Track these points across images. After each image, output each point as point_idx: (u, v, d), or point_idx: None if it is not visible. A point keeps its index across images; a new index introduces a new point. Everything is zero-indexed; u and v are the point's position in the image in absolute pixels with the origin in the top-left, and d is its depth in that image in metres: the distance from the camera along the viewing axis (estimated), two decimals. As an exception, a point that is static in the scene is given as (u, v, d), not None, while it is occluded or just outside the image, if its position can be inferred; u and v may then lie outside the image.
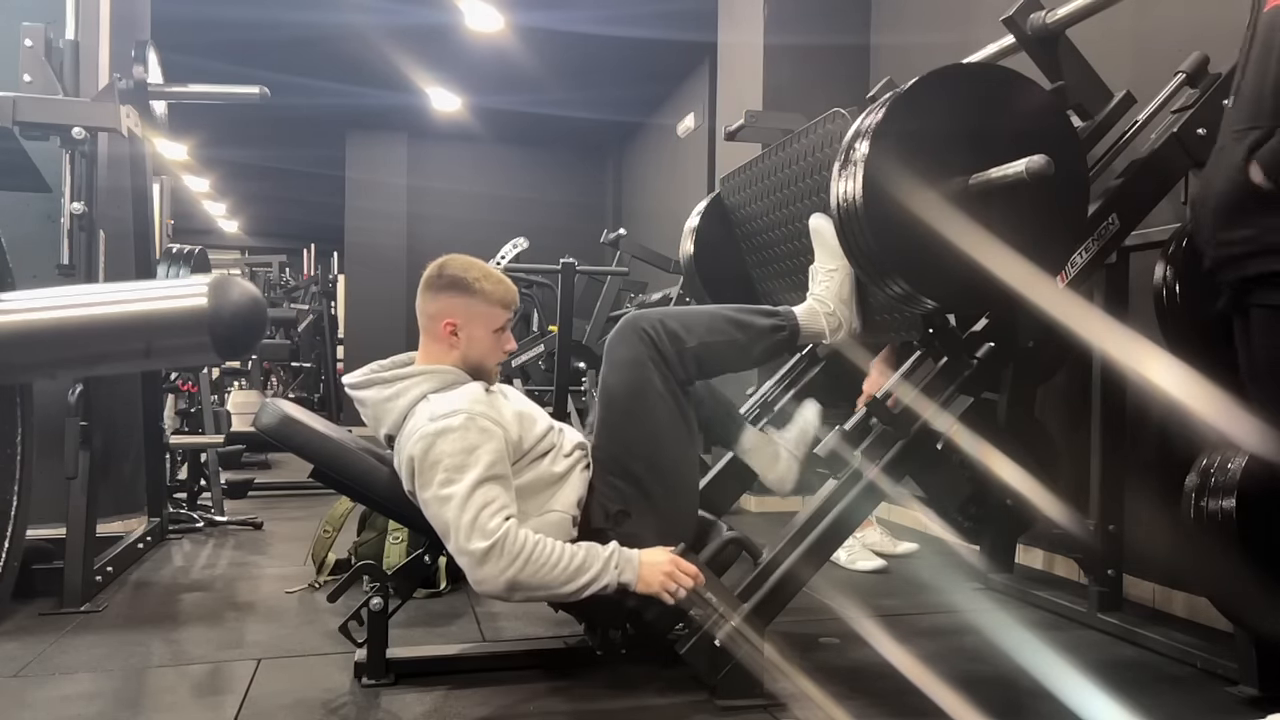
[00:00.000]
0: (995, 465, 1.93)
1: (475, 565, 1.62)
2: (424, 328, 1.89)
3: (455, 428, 1.69)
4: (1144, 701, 1.78)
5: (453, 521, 1.64)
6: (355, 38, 6.13)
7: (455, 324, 1.85)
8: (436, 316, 1.86)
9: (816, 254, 2.07)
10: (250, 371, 7.05)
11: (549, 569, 1.63)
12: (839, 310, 2.02)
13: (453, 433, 1.69)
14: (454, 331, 1.85)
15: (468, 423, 1.70)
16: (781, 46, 4.15)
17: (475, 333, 1.86)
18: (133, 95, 2.76)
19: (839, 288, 2.02)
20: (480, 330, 1.87)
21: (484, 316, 1.87)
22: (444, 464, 1.67)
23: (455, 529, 1.64)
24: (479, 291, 1.86)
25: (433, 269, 1.89)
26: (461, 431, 1.69)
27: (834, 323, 2.02)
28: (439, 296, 1.86)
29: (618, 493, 1.83)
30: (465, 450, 1.68)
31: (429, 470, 1.68)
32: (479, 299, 1.86)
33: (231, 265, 11.19)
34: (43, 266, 2.55)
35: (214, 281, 1.40)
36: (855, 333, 2.05)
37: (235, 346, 1.47)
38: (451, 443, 1.68)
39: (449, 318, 1.85)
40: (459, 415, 1.71)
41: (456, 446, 1.68)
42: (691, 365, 1.87)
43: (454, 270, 1.87)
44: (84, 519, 2.39)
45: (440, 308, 1.85)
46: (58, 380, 2.41)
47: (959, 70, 1.80)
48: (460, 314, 1.85)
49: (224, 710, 1.72)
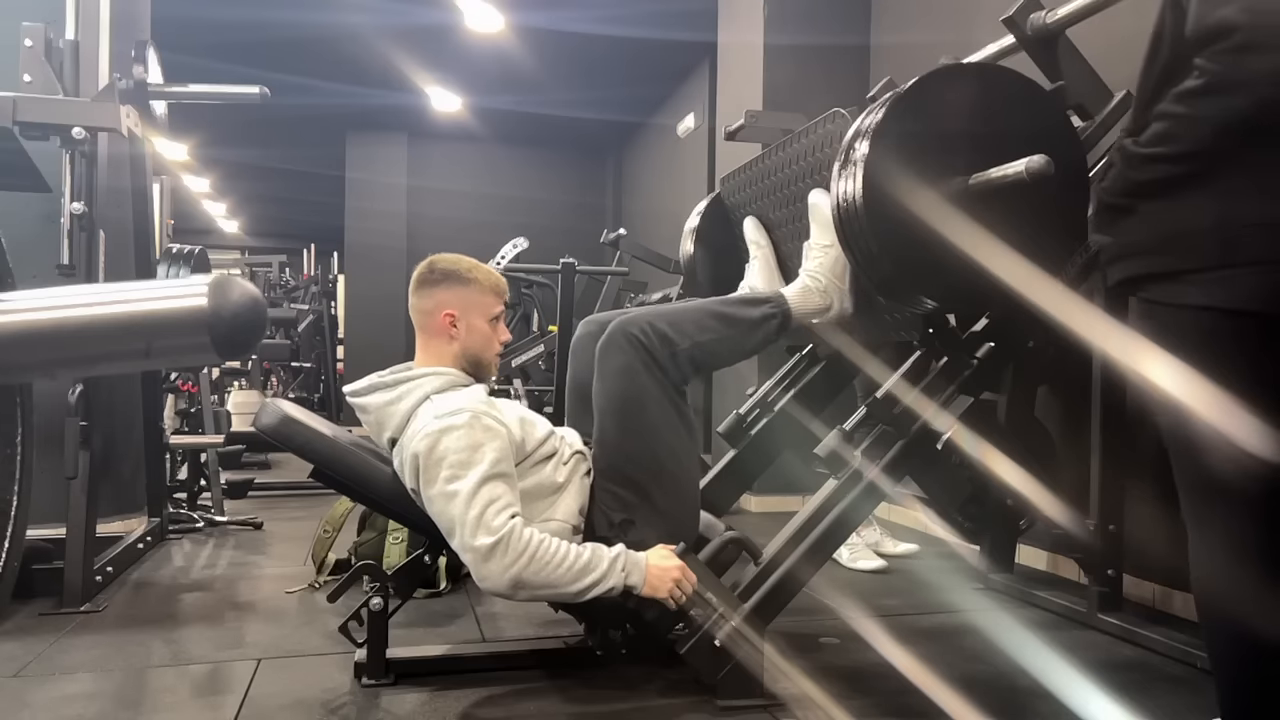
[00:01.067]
0: (995, 465, 1.93)
1: (480, 562, 1.62)
2: (422, 325, 1.91)
3: (460, 425, 1.70)
4: (1144, 701, 1.78)
5: (458, 518, 1.64)
6: (355, 38, 6.13)
7: (454, 314, 1.88)
8: (434, 310, 1.88)
9: (812, 229, 2.03)
10: (250, 371, 7.04)
11: (553, 568, 1.63)
12: (831, 287, 1.98)
13: (458, 430, 1.69)
14: (453, 322, 1.88)
15: (472, 420, 1.71)
16: (781, 46, 4.15)
17: (473, 321, 1.89)
18: (133, 95, 2.76)
19: (833, 263, 1.97)
20: (478, 319, 1.90)
21: (480, 305, 1.90)
22: (449, 460, 1.67)
23: (460, 525, 1.64)
24: (473, 281, 1.90)
25: (423, 267, 1.92)
26: (466, 429, 1.70)
27: (826, 300, 1.98)
28: (435, 290, 1.89)
29: (620, 501, 1.82)
30: (470, 447, 1.68)
31: (434, 467, 1.69)
32: (474, 288, 1.90)
33: (231, 265, 11.18)
34: (43, 266, 2.55)
35: (214, 281, 1.40)
36: (847, 314, 2.01)
37: (235, 346, 1.47)
38: (456, 439, 1.69)
39: (447, 309, 1.87)
40: (464, 413, 1.72)
41: (462, 443, 1.68)
42: (686, 366, 1.86)
43: (445, 265, 1.92)
44: (84, 519, 2.39)
45: (437, 301, 1.88)
46: (58, 380, 2.41)
47: (959, 70, 1.80)
48: (457, 304, 1.88)
49: (224, 710, 1.72)
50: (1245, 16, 1.13)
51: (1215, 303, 1.16)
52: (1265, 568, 1.19)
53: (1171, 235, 1.21)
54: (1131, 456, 2.28)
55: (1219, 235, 1.16)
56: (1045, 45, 2.10)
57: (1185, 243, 1.19)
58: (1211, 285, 1.17)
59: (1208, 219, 1.17)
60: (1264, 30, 1.12)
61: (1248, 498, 1.18)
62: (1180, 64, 1.22)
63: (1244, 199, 1.15)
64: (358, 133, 8.64)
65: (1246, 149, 1.15)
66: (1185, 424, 1.21)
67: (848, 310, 2.00)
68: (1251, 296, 1.14)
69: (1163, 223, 1.22)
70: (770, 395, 2.45)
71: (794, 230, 2.22)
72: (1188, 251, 1.19)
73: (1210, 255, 1.16)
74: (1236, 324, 1.16)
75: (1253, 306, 1.14)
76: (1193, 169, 1.19)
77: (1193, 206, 1.19)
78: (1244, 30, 1.13)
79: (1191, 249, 1.19)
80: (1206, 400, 1.18)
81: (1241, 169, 1.15)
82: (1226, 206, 1.16)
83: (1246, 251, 1.14)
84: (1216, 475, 1.20)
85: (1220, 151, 1.17)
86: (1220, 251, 1.16)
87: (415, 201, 8.71)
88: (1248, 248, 1.14)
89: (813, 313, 1.98)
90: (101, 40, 2.74)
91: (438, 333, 1.89)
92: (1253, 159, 1.14)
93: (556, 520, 1.81)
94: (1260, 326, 1.15)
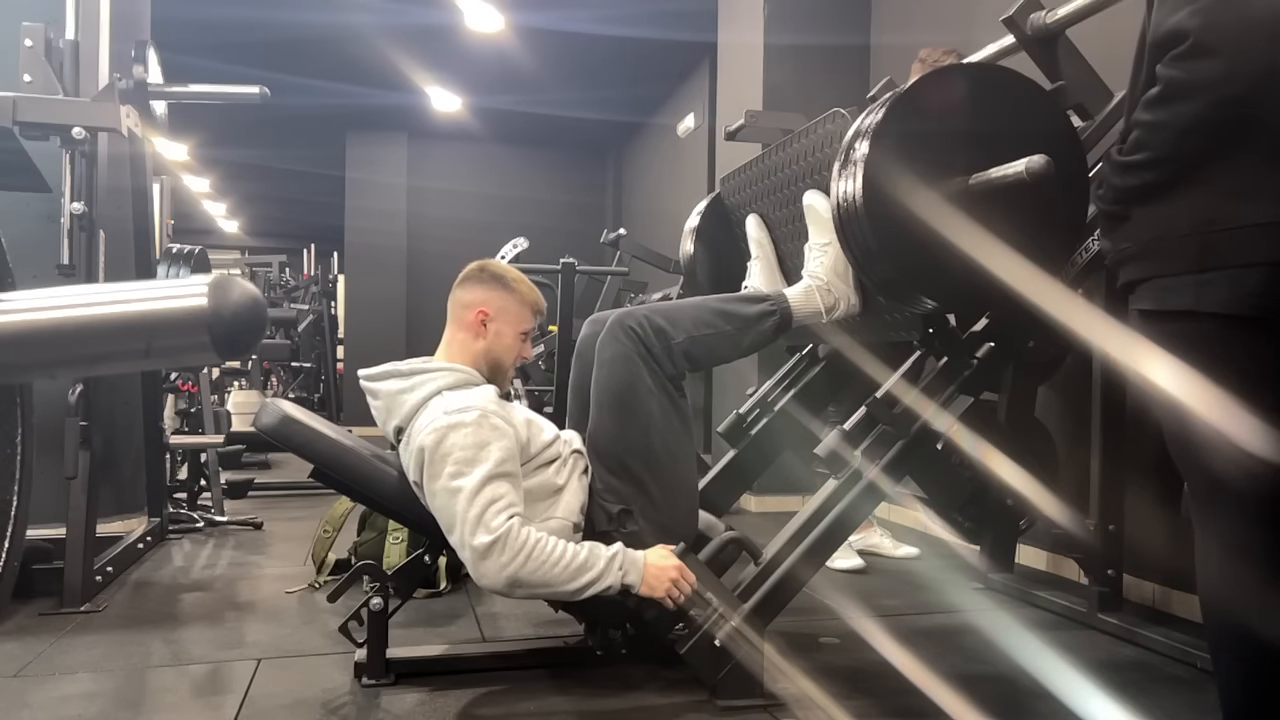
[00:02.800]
0: (995, 465, 1.93)
1: (477, 560, 1.63)
2: (455, 316, 1.94)
3: (469, 423, 1.71)
4: (1144, 701, 1.78)
5: (459, 514, 1.65)
6: (355, 38, 6.13)
7: (487, 314, 1.92)
8: (471, 305, 1.92)
9: (810, 230, 2.03)
10: (250, 371, 7.04)
11: (550, 567, 1.64)
12: (835, 286, 1.97)
13: (466, 427, 1.71)
14: (484, 321, 1.91)
15: (481, 419, 1.72)
16: (781, 46, 4.15)
17: (503, 328, 1.93)
18: (133, 95, 2.76)
19: (834, 262, 1.96)
20: (508, 327, 1.94)
21: (515, 315, 1.95)
22: (455, 456, 1.68)
23: (461, 522, 1.64)
24: (515, 291, 1.95)
25: (474, 266, 1.98)
26: (475, 427, 1.71)
27: (830, 299, 1.97)
28: (478, 287, 1.94)
29: (616, 493, 1.84)
30: (477, 445, 1.69)
31: (439, 461, 1.69)
32: (514, 297, 1.95)
33: (231, 265, 11.19)
34: (43, 266, 2.55)
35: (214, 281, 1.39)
36: (855, 310, 1.99)
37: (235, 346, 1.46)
38: (464, 436, 1.70)
39: (483, 306, 1.92)
40: (473, 411, 1.73)
41: (469, 441, 1.69)
42: (680, 360, 1.88)
43: (496, 269, 1.98)
44: (84, 519, 2.39)
45: (476, 297, 1.93)
46: (58, 380, 2.41)
47: (959, 70, 1.80)
48: (494, 306, 1.92)
49: (224, 710, 1.72)
50: (1195, 20, 1.15)
51: (1199, 307, 1.17)
52: (1266, 568, 1.19)
53: (1154, 241, 1.23)
54: (1131, 456, 2.28)
55: (1197, 240, 1.17)
56: (1045, 45, 2.10)
57: (1166, 248, 1.21)
58: (1193, 290, 1.18)
59: (1184, 224, 1.19)
60: (1213, 34, 1.14)
61: (1246, 498, 1.18)
62: (1150, 71, 1.24)
63: (1216, 202, 1.16)
64: (358, 133, 8.64)
65: (1211, 153, 1.16)
66: (1183, 426, 1.21)
67: (855, 308, 2.00)
68: (1229, 300, 1.15)
69: (1148, 229, 1.24)
70: (770, 395, 2.45)
71: (793, 230, 2.22)
72: (1169, 257, 1.21)
73: (1190, 260, 1.18)
74: (1220, 328, 1.17)
75: (1231, 310, 1.15)
76: (1166, 175, 1.21)
77: (1171, 212, 1.20)
78: (1194, 35, 1.15)
79: (1172, 254, 1.20)
80: (1202, 402, 1.18)
81: (1210, 173, 1.17)
82: (1201, 211, 1.17)
83: (1224, 255, 1.15)
84: (1215, 476, 1.20)
85: (1187, 156, 1.18)
86: (1199, 256, 1.17)
87: (415, 201, 8.71)
88: (1225, 252, 1.15)
89: (815, 313, 1.98)
90: (101, 40, 2.73)
91: (468, 328, 1.92)
92: (1218, 162, 1.16)
93: (557, 518, 1.81)
94: (1244, 329, 1.16)
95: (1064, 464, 2.50)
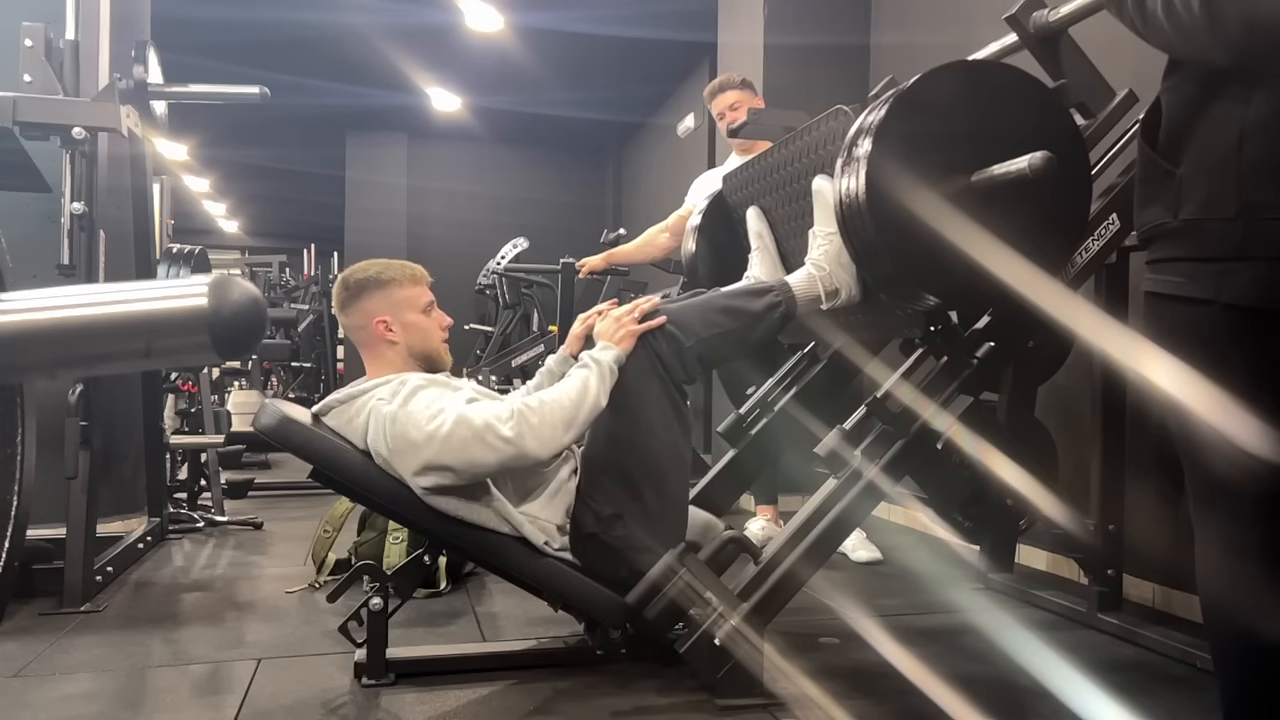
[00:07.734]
0: (995, 465, 1.93)
1: (518, 453, 1.67)
2: (361, 341, 1.93)
3: (419, 386, 1.74)
4: (1144, 701, 1.78)
5: (468, 437, 1.65)
6: (355, 38, 6.13)
7: (386, 319, 1.89)
8: (365, 324, 1.90)
9: (816, 216, 2.00)
10: (250, 371, 7.04)
11: (566, 408, 1.70)
12: (836, 274, 1.94)
13: (417, 392, 1.72)
14: (388, 327, 1.89)
15: (424, 382, 1.75)
16: (781, 46, 4.15)
17: (407, 319, 1.91)
18: (133, 95, 2.75)
19: (838, 251, 1.92)
20: (410, 314, 1.91)
21: (407, 300, 1.92)
22: (420, 415, 1.69)
23: (477, 442, 1.65)
24: (389, 280, 1.91)
25: (338, 288, 1.94)
26: (425, 388, 1.73)
27: (830, 286, 1.94)
28: (358, 305, 1.91)
29: (610, 496, 1.82)
30: (435, 398, 1.72)
31: (408, 431, 1.69)
32: (393, 286, 1.91)
33: (231, 265, 11.19)
34: (43, 266, 2.55)
35: (214, 281, 1.39)
36: (855, 299, 1.97)
37: (235, 346, 1.47)
38: (418, 400, 1.71)
39: (377, 316, 1.89)
40: (410, 382, 1.75)
41: (427, 397, 1.71)
42: (693, 365, 1.87)
43: (358, 276, 1.93)
44: (84, 519, 2.38)
45: (364, 313, 1.90)
46: (58, 380, 2.41)
47: (962, 67, 1.80)
48: (385, 308, 1.90)
49: (224, 710, 1.72)
50: None
51: (1219, 296, 1.13)
52: (1266, 568, 1.18)
53: (1195, 222, 1.17)
54: (1131, 456, 2.28)
55: (1240, 226, 1.11)
56: (1048, 43, 2.09)
57: (1210, 230, 1.15)
58: (1216, 278, 1.14)
59: (1229, 205, 1.12)
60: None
61: (1247, 497, 1.18)
62: None
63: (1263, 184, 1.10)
64: (358, 133, 8.64)
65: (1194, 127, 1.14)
66: (1186, 423, 1.20)
67: (855, 297, 1.97)
68: (1253, 292, 1.12)
69: (1193, 194, 1.17)
70: (770, 395, 2.45)
71: (796, 227, 2.21)
72: (1210, 239, 1.15)
73: (1229, 247, 1.13)
74: (1236, 319, 1.14)
75: (1251, 301, 1.12)
76: (1175, 150, 1.17)
77: (1171, 198, 1.17)
78: None
79: (1214, 237, 1.15)
80: (1204, 400, 1.17)
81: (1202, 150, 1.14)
82: (1247, 193, 1.11)
83: (1261, 245, 1.10)
84: (1216, 475, 1.19)
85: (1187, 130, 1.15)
86: (1240, 244, 1.12)
87: (415, 201, 8.71)
88: (1263, 241, 1.10)
89: (815, 300, 1.96)
90: (101, 40, 2.74)
91: (377, 342, 1.90)
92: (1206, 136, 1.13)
93: (541, 519, 1.82)
94: (1262, 321, 1.13)
95: (1064, 464, 2.50)
